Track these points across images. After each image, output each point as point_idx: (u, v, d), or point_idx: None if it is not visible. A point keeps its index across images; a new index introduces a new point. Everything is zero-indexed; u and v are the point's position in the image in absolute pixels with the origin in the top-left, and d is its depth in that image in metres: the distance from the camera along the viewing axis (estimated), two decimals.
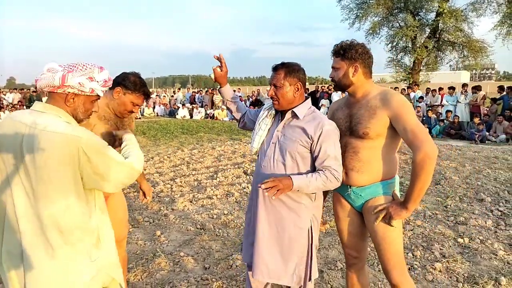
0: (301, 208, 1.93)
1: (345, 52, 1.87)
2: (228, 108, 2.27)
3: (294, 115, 1.95)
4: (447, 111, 11.76)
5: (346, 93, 2.01)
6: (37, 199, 1.35)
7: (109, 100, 2.12)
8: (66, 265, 1.40)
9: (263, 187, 1.72)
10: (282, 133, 1.95)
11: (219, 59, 2.09)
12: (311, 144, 1.87)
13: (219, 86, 2.21)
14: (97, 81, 1.48)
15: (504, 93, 11.42)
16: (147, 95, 2.16)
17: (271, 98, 1.98)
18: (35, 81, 1.45)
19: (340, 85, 1.95)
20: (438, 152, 1.72)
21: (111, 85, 1.56)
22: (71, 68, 1.43)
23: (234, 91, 2.45)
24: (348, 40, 1.92)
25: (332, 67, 1.96)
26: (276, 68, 1.95)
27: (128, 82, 2.08)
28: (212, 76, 2.13)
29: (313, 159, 1.90)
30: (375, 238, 1.93)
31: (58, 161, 1.34)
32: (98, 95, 1.53)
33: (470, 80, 66.40)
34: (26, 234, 1.37)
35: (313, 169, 1.92)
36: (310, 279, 2.01)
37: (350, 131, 1.93)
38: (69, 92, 1.44)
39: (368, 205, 1.94)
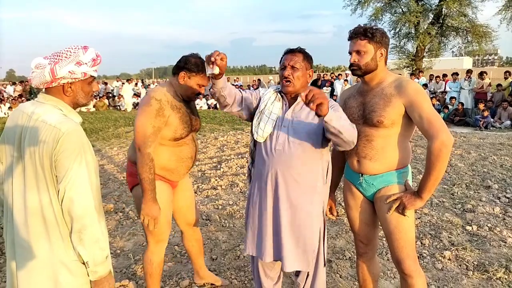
0: (315, 193, 1.93)
1: (373, 35, 1.78)
2: (220, 97, 1.86)
3: None
4: (451, 98, 11.65)
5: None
6: (26, 189, 1.37)
7: (175, 87, 2.16)
8: (55, 258, 1.39)
9: (304, 95, 1.50)
10: (293, 116, 1.93)
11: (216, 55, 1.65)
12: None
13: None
14: (86, 63, 1.44)
15: None
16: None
17: (285, 79, 1.90)
18: (29, 81, 1.45)
19: (366, 70, 1.83)
20: (453, 140, 1.68)
21: (100, 62, 1.50)
22: (56, 59, 1.40)
23: (234, 79, 2.37)
24: (366, 25, 1.85)
25: (356, 51, 1.83)
26: (293, 51, 1.94)
27: (191, 65, 2.10)
28: (216, 71, 1.66)
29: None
30: (388, 227, 1.89)
31: (44, 152, 1.34)
32: (93, 76, 1.50)
33: (473, 66, 65.86)
34: (17, 224, 1.39)
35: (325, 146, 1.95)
36: (325, 264, 2.03)
37: (363, 119, 1.88)
38: (64, 83, 1.43)
39: (380, 194, 1.90)
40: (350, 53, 1.86)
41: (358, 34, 1.81)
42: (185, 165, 2.27)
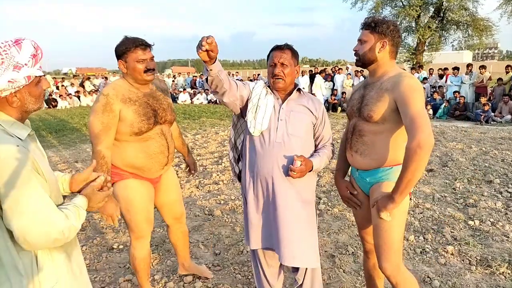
0: (313, 183, 2.05)
1: (376, 25, 1.78)
2: (218, 82, 1.79)
3: (299, 91, 2.03)
4: (455, 92, 11.57)
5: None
6: None
7: (127, 78, 2.12)
8: None
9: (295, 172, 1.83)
10: (288, 110, 1.96)
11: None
12: (316, 120, 2.01)
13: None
14: (26, 64, 1.16)
15: None
16: (142, 45, 2.04)
17: (277, 76, 1.92)
18: None
19: (364, 60, 1.85)
20: (433, 143, 1.56)
21: (42, 56, 1.24)
22: None
23: (232, 74, 2.35)
24: (380, 16, 1.89)
25: (359, 40, 1.87)
26: (282, 48, 1.95)
27: (119, 50, 2.05)
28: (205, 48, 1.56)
29: (314, 133, 2.04)
30: (373, 225, 1.86)
31: None
32: (38, 76, 1.23)
33: (473, 59, 65.67)
34: None
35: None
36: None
37: (359, 112, 1.88)
38: (6, 95, 1.16)
39: (372, 190, 1.88)
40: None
41: (364, 24, 1.85)
42: (156, 161, 2.16)
